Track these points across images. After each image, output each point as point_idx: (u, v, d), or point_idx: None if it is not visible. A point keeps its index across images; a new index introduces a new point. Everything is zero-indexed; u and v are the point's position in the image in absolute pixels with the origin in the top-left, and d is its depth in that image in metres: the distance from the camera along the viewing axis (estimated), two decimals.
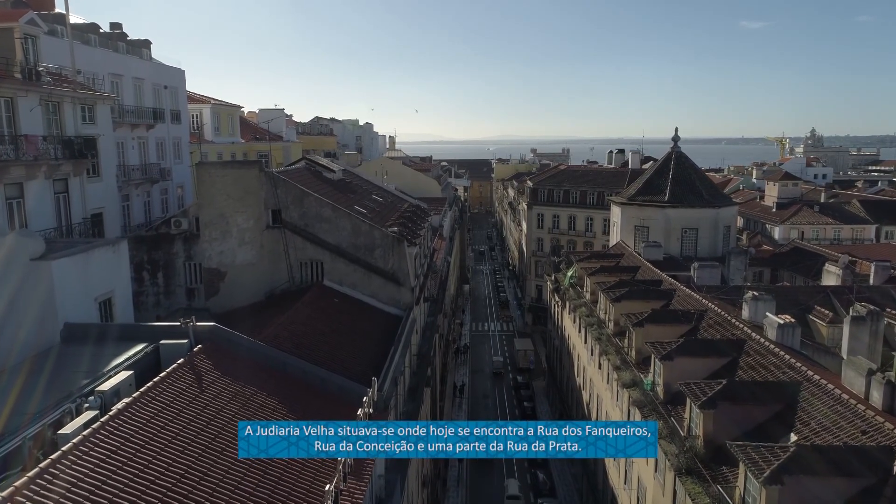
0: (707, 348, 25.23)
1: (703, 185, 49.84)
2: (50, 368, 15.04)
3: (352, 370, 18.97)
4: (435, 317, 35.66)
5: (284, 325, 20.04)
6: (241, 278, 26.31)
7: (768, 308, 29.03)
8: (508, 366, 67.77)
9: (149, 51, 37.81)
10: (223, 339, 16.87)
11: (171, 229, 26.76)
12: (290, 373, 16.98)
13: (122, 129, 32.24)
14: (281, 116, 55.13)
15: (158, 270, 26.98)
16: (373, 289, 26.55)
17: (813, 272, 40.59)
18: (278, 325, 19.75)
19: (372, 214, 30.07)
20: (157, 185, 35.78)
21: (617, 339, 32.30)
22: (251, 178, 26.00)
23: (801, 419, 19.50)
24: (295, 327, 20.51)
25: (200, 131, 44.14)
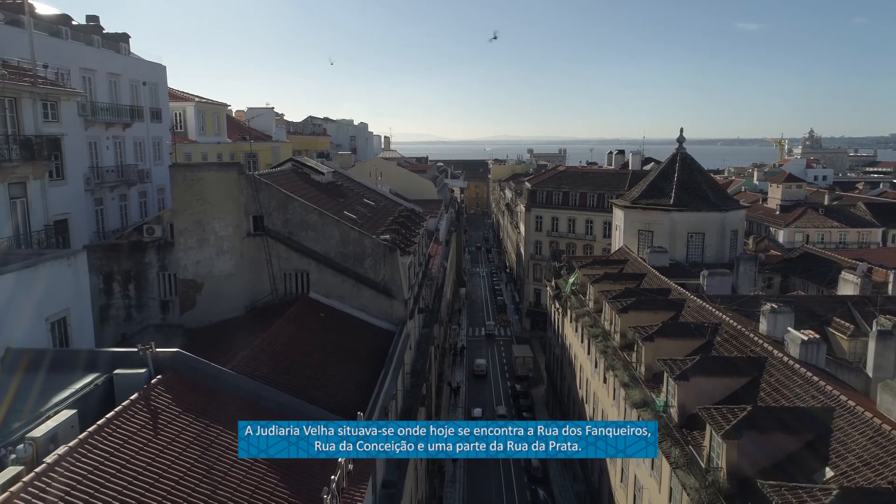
0: (725, 367, 23.28)
1: (709, 188, 47.97)
2: None
3: (337, 398, 16.90)
4: (431, 328, 33.62)
5: (262, 347, 17.95)
6: (220, 290, 24.19)
7: (788, 321, 27.11)
8: (505, 370, 65.76)
9: (127, 45, 35.62)
10: (187, 368, 14.77)
11: (144, 237, 24.64)
12: (264, 406, 14.90)
13: (95, 127, 30.09)
14: (270, 115, 52.96)
15: (130, 281, 24.84)
16: (363, 302, 24.48)
17: (827, 280, 38.74)
18: (255, 348, 17.66)
19: (363, 220, 28.01)
20: (134, 187, 33.60)
21: (624, 354, 30.30)
22: (230, 181, 23.89)
23: (837, 451, 17.53)
24: (275, 348, 18.43)
25: (184, 131, 41.96)
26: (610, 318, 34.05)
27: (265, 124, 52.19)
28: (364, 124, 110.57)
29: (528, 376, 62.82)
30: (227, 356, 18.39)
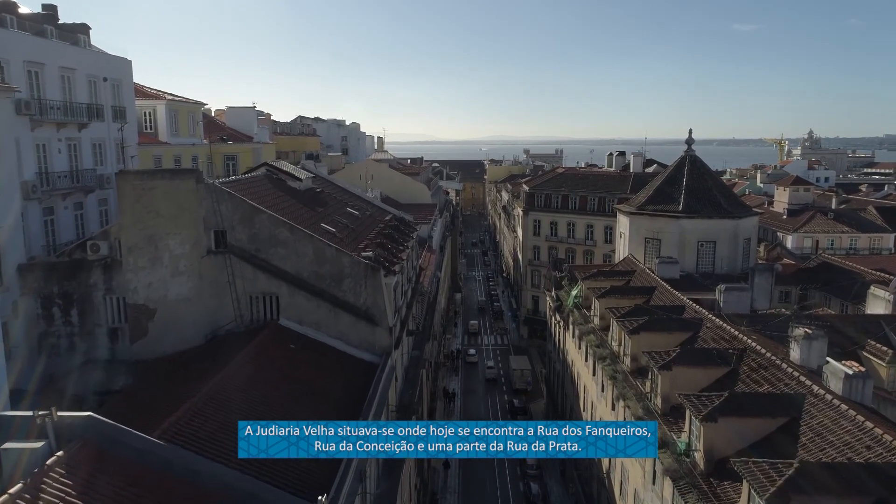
0: (759, 406, 20.20)
1: (720, 193, 44.95)
2: None
3: (299, 465, 13.68)
4: (421, 349, 30.43)
5: (209, 397, 14.74)
6: (176, 317, 20.94)
7: (822, 347, 24.10)
8: (502, 382, 62.67)
9: (86, 37, 32.30)
10: (102, 439, 11.55)
11: (88, 254, 21.34)
12: (201, 485, 11.68)
13: (43, 128, 26.77)
14: (251, 114, 49.61)
15: (72, 306, 21.56)
16: (341, 329, 21.28)
17: (852, 294, 35.74)
18: (200, 399, 14.44)
19: (344, 234, 24.80)
20: (92, 194, 30.27)
21: (637, 382, 27.17)
22: (187, 190, 20.64)
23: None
24: (226, 397, 15.21)
25: (154, 131, 38.62)
26: (619, 338, 30.98)
27: (246, 124, 48.86)
28: (356, 124, 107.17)
29: (526, 389, 59.72)
30: (175, 402, 15.20)
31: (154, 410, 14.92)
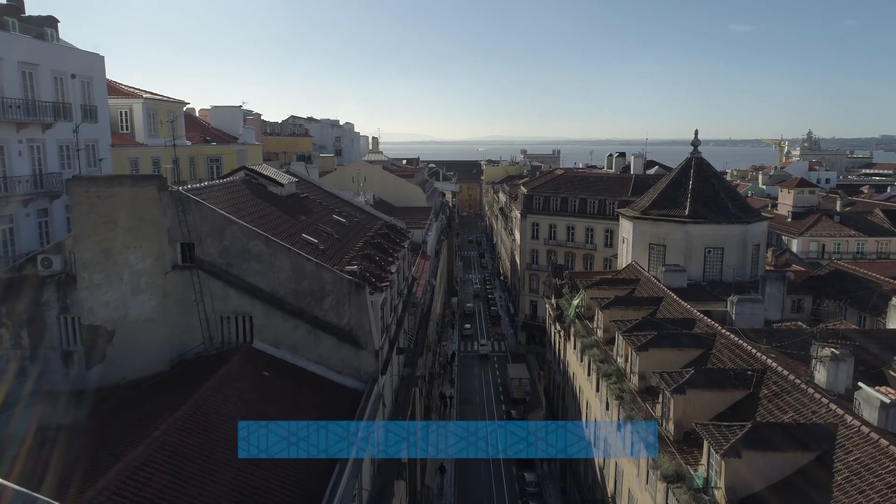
0: (789, 439, 18.12)
1: (728, 197, 42.93)
2: None
3: None
4: (413, 366, 28.30)
5: (161, 443, 12.60)
6: (137, 339, 18.76)
7: (849, 369, 22.12)
8: (500, 391, 60.55)
9: (54, 31, 30.10)
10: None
11: (40, 269, 19.13)
12: None
13: (1, 128, 24.57)
14: (237, 113, 47.35)
15: (22, 327, 19.35)
16: (322, 353, 19.14)
17: (869, 305, 33.75)
18: (147, 447, 12.29)
19: (328, 245, 22.66)
20: (59, 200, 28.06)
21: (647, 404, 25.08)
22: (148, 199, 18.46)
23: None
24: (182, 442, 13.05)
25: (131, 132, 36.39)
26: (625, 354, 28.91)
27: (232, 124, 46.60)
28: (350, 125, 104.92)
29: (524, 399, 57.63)
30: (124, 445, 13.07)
31: (97, 459, 12.80)
